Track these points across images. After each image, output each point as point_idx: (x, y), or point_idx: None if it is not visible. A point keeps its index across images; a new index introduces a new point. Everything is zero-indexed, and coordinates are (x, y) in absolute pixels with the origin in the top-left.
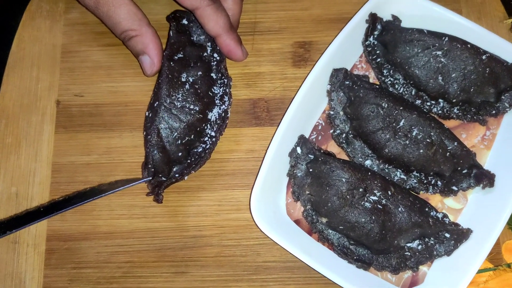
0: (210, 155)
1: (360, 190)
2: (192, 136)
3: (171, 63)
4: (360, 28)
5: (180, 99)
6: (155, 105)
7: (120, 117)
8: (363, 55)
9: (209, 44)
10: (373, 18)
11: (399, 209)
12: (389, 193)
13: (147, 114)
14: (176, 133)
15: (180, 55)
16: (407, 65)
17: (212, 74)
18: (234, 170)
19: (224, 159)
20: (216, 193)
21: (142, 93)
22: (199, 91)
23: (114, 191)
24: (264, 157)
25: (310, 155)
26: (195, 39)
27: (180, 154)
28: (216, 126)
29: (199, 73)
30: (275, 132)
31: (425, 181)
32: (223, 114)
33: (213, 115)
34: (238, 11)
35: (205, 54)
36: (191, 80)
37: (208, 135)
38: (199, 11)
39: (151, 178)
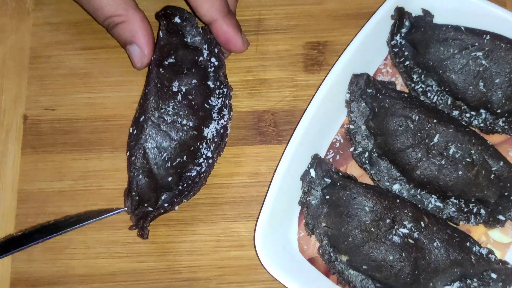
0: (206, 180)
1: (387, 221)
2: (185, 157)
3: (161, 69)
4: (385, 25)
5: (170, 112)
6: (141, 119)
7: (99, 135)
8: (388, 58)
9: (205, 47)
10: (400, 13)
11: (435, 244)
12: (422, 225)
13: (131, 130)
14: (165, 154)
15: (171, 60)
16: (442, 69)
17: (209, 83)
18: (235, 197)
19: (223, 185)
20: (213, 226)
21: (125, 105)
22: (193, 102)
23: (83, 225)
24: (271, 182)
25: (326, 179)
26: (189, 40)
27: (170, 179)
28: (213, 145)
29: (194, 81)
30: (284, 151)
31: (465, 210)
32: (221, 131)
33: (209, 131)
34: None
35: (201, 58)
36: (184, 90)
37: (204, 156)
38: None
39: (127, 208)
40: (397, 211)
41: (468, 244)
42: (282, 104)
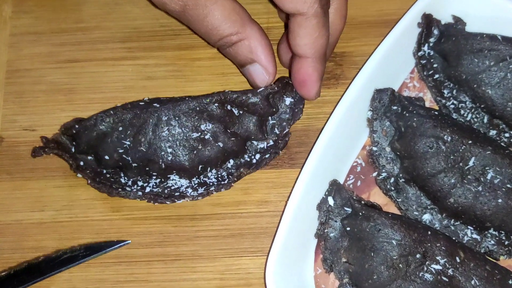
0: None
1: (418, 256)
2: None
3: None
4: (411, 34)
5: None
6: (181, 99)
7: None
8: (415, 71)
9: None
10: (428, 21)
11: (472, 282)
12: (458, 260)
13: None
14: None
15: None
16: (476, 83)
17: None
18: (241, 229)
19: (228, 215)
20: (217, 262)
21: None
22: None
23: (81, 262)
24: (283, 212)
25: (346, 208)
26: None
27: (133, 165)
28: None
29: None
30: (297, 177)
31: (506, 242)
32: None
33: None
34: (340, 28)
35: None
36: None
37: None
38: (301, 18)
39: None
40: (429, 244)
41: (510, 282)
42: (294, 124)
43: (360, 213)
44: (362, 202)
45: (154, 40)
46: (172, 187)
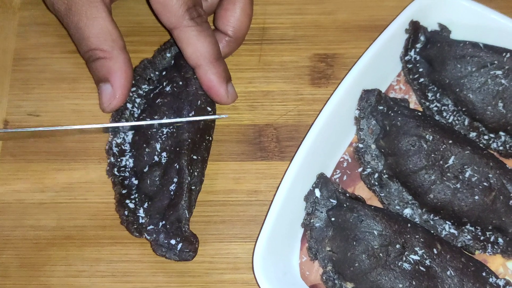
0: None
1: (397, 246)
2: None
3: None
4: (398, 40)
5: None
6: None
7: (86, 144)
8: (401, 74)
9: None
10: (415, 27)
11: (448, 272)
12: (435, 252)
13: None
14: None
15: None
16: (458, 88)
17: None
18: (232, 216)
19: (219, 202)
20: (207, 247)
21: None
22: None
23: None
24: (272, 201)
25: (332, 200)
26: None
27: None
28: None
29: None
30: (286, 169)
31: (481, 238)
32: None
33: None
34: (245, 26)
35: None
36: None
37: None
38: (177, 31)
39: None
40: (408, 236)
41: (484, 274)
42: (285, 119)
43: (345, 205)
44: (347, 194)
45: (155, 35)
46: None
